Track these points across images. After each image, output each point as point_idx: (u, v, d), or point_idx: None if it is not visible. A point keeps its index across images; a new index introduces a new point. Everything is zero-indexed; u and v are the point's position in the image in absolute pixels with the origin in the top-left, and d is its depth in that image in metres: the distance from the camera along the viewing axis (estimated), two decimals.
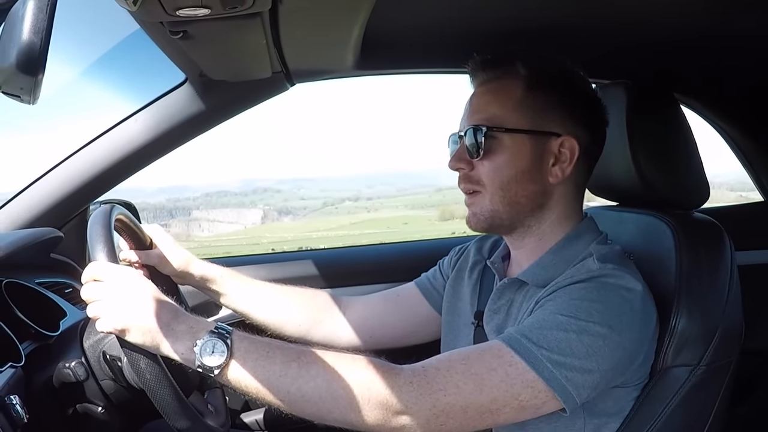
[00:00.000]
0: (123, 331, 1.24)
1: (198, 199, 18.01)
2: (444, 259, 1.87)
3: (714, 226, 1.61)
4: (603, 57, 1.88)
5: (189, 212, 16.57)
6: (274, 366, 1.24)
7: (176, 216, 14.84)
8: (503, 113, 1.46)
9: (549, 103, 1.46)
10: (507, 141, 1.45)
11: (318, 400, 1.23)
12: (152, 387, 1.27)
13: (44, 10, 0.82)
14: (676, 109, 1.75)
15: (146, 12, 1.21)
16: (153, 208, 12.07)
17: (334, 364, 1.25)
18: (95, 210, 1.49)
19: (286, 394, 1.23)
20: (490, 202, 1.48)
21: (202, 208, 16.87)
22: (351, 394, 1.22)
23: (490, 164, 1.46)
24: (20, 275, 1.78)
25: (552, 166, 1.46)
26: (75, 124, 56.37)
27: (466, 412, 1.24)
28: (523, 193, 1.46)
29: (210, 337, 1.23)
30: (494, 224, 1.51)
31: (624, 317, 1.31)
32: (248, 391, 1.24)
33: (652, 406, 1.45)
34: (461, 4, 1.59)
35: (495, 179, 1.46)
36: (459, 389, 1.24)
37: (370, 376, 1.24)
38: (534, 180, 1.46)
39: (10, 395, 1.36)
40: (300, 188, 17.88)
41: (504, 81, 1.49)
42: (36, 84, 0.87)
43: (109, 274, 1.28)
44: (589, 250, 1.45)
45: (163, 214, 13.04)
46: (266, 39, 1.49)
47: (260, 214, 16.24)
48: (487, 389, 1.25)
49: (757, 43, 1.82)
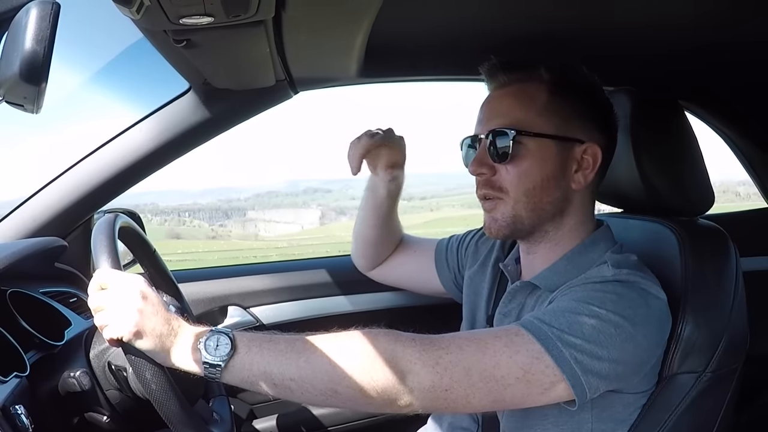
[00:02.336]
0: (136, 334, 1.23)
1: (249, 199, 18.32)
2: (466, 238, 1.89)
3: (719, 232, 1.60)
4: (607, 64, 1.88)
5: (244, 213, 16.80)
6: (278, 346, 1.24)
7: (232, 216, 14.98)
8: (529, 118, 1.44)
9: (572, 109, 1.46)
10: (533, 146, 1.43)
11: (326, 372, 1.22)
12: (157, 397, 1.26)
13: (47, 19, 0.83)
14: (680, 116, 1.75)
15: (149, 21, 1.21)
16: (208, 209, 12.18)
17: (338, 335, 1.27)
18: (99, 219, 1.49)
19: (295, 372, 1.22)
20: (513, 207, 1.46)
21: (257, 209, 17.13)
22: (359, 356, 1.22)
23: (516, 169, 1.44)
24: (25, 285, 1.78)
25: (575, 173, 1.46)
26: (78, 132, 56.70)
27: (470, 375, 1.22)
28: (548, 199, 1.46)
29: (212, 333, 1.24)
30: (515, 230, 1.49)
31: (639, 310, 1.31)
32: (255, 381, 1.24)
33: (658, 413, 1.44)
34: (464, 12, 1.59)
35: (520, 185, 1.44)
36: (462, 350, 1.24)
37: (375, 339, 1.24)
38: (558, 186, 1.46)
39: (15, 405, 1.35)
40: (348, 188, 17.98)
41: (527, 85, 1.47)
42: (39, 93, 0.87)
43: (114, 282, 1.28)
44: (603, 258, 1.44)
45: (218, 214, 13.16)
46: (270, 47, 1.49)
47: (318, 214, 16.38)
48: (491, 352, 1.24)
49: (762, 49, 1.82)
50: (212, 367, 1.22)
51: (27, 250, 1.77)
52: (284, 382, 1.23)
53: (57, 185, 2.05)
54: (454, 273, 1.90)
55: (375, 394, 1.21)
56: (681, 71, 2.01)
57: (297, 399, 1.27)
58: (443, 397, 1.23)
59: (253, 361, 1.23)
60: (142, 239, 1.72)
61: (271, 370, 1.23)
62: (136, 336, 1.23)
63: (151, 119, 2.02)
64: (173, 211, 35.60)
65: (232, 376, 1.24)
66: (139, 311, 1.24)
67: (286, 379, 1.22)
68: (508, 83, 1.49)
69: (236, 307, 2.34)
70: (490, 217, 1.51)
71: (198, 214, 25.33)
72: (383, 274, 2.07)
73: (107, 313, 1.25)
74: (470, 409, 1.31)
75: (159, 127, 2.01)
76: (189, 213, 36.26)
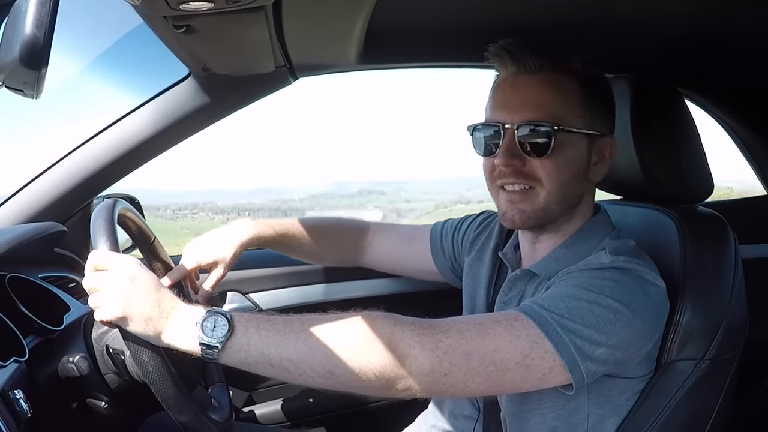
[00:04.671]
0: (123, 319, 1.23)
1: (305, 200, 18.41)
2: (463, 225, 1.89)
3: (718, 219, 1.61)
4: (608, 52, 1.88)
5: (303, 213, 16.84)
6: (276, 326, 1.24)
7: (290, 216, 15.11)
8: (566, 111, 1.42)
9: (600, 103, 1.47)
10: (569, 140, 1.42)
11: (324, 354, 1.21)
12: (155, 380, 1.27)
13: (47, 5, 0.83)
14: (680, 104, 1.75)
15: (150, 6, 1.21)
16: (267, 209, 12.16)
17: (337, 317, 1.26)
18: (98, 204, 1.49)
19: (293, 353, 1.22)
20: (545, 200, 1.44)
21: (317, 209, 17.27)
22: (357, 338, 1.22)
23: (553, 163, 1.42)
24: (24, 270, 1.78)
25: (594, 165, 1.47)
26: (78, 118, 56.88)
27: (470, 359, 1.22)
28: (575, 192, 1.47)
29: (209, 314, 1.24)
30: (542, 222, 1.49)
31: (636, 296, 1.31)
32: (253, 361, 1.23)
33: (657, 399, 1.45)
34: (466, 0, 1.58)
35: (556, 178, 1.43)
36: (462, 334, 1.24)
37: (374, 322, 1.23)
38: (585, 179, 1.48)
39: (14, 390, 1.36)
40: (400, 190, 17.96)
41: (559, 75, 1.44)
42: (39, 78, 0.87)
43: (110, 263, 1.28)
44: (602, 244, 1.45)
45: (278, 214, 13.16)
46: (269, 33, 1.49)
47: (380, 216, 16.38)
48: (491, 336, 1.24)
49: (764, 37, 1.81)
50: (209, 348, 1.22)
51: (26, 235, 1.77)
52: (282, 363, 1.22)
53: (56, 170, 2.05)
54: (450, 260, 1.90)
55: (373, 377, 1.21)
56: (681, 59, 2.00)
57: (294, 381, 1.26)
58: (442, 381, 1.23)
59: (250, 342, 1.23)
60: (142, 225, 1.72)
61: (269, 351, 1.22)
62: (122, 321, 1.23)
63: (151, 105, 2.02)
64: (233, 210, 35.72)
65: (229, 357, 1.23)
66: (126, 295, 1.23)
67: (283, 360, 1.22)
68: (537, 70, 1.44)
69: (235, 293, 2.35)
70: (515, 209, 1.47)
71: (258, 213, 25.28)
72: (379, 263, 2.08)
73: (99, 295, 1.26)
74: (469, 393, 1.31)
75: (158, 113, 2.01)
76: (249, 212, 36.39)
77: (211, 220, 31.13)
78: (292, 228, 1.90)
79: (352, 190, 19.34)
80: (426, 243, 1.95)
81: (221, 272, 1.73)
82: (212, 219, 34.01)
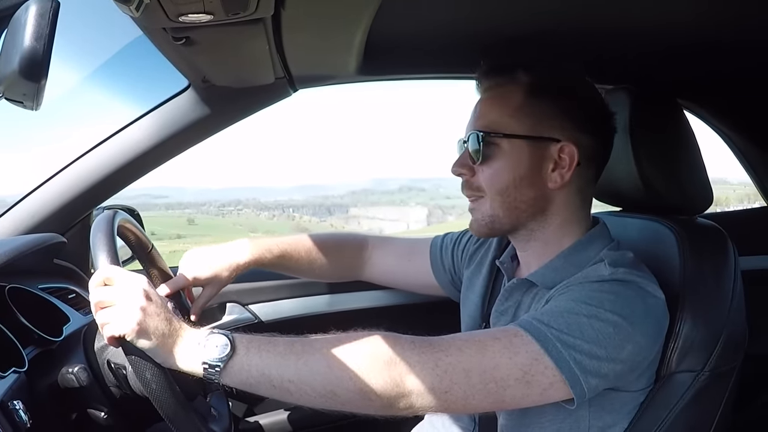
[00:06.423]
0: (136, 334, 1.24)
1: (345, 197, 18.48)
2: (463, 238, 1.90)
3: (718, 231, 1.60)
4: (606, 63, 1.88)
5: (346, 209, 16.92)
6: (278, 347, 1.25)
7: (334, 213, 15.04)
8: (502, 119, 1.46)
9: (550, 109, 1.46)
10: (505, 147, 1.45)
11: (325, 374, 1.22)
12: (158, 396, 1.27)
13: (46, 17, 0.83)
14: (679, 115, 1.75)
15: (149, 18, 1.21)
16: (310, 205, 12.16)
17: (337, 337, 1.27)
18: (98, 215, 1.49)
19: (294, 374, 1.23)
20: (490, 207, 1.49)
21: (360, 206, 17.30)
22: (357, 358, 1.22)
23: (489, 169, 1.47)
24: (23, 281, 1.78)
25: (551, 172, 1.46)
26: (78, 129, 56.90)
27: (470, 377, 1.23)
28: (522, 198, 1.47)
29: (212, 335, 1.26)
30: (495, 228, 1.52)
31: (636, 309, 1.31)
32: (254, 382, 1.25)
33: (656, 411, 1.44)
34: (465, 10, 1.59)
35: (493, 184, 1.47)
36: (461, 351, 1.25)
37: (374, 341, 1.24)
38: (533, 185, 1.47)
39: (13, 400, 1.36)
40: (439, 187, 17.91)
41: (506, 88, 1.48)
42: (39, 90, 0.87)
43: (118, 279, 1.28)
44: (600, 255, 1.45)
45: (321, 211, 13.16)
46: (269, 45, 1.49)
47: (425, 213, 16.30)
48: (490, 353, 1.24)
49: (763, 48, 1.82)
50: (211, 368, 1.23)
51: (26, 246, 1.77)
52: (283, 384, 1.23)
53: (56, 181, 2.05)
54: (450, 274, 1.90)
55: (374, 396, 1.22)
56: (680, 69, 2.01)
57: (296, 401, 1.27)
58: (443, 398, 1.23)
59: (251, 362, 1.24)
60: (141, 236, 1.72)
61: (270, 371, 1.23)
62: (139, 335, 1.24)
63: (151, 116, 2.02)
64: (276, 206, 35.78)
65: (230, 377, 1.25)
66: (143, 310, 1.24)
67: (284, 381, 1.23)
68: (491, 87, 1.52)
69: (235, 304, 2.34)
70: (472, 218, 1.55)
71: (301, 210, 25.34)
72: (379, 277, 2.07)
73: (110, 311, 1.26)
74: (470, 410, 1.32)
75: (158, 124, 2.01)
76: (293, 209, 36.27)
77: (257, 216, 31.29)
78: (290, 249, 1.89)
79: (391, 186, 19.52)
80: (426, 257, 1.95)
81: (214, 292, 1.74)
82: (258, 215, 34.26)
